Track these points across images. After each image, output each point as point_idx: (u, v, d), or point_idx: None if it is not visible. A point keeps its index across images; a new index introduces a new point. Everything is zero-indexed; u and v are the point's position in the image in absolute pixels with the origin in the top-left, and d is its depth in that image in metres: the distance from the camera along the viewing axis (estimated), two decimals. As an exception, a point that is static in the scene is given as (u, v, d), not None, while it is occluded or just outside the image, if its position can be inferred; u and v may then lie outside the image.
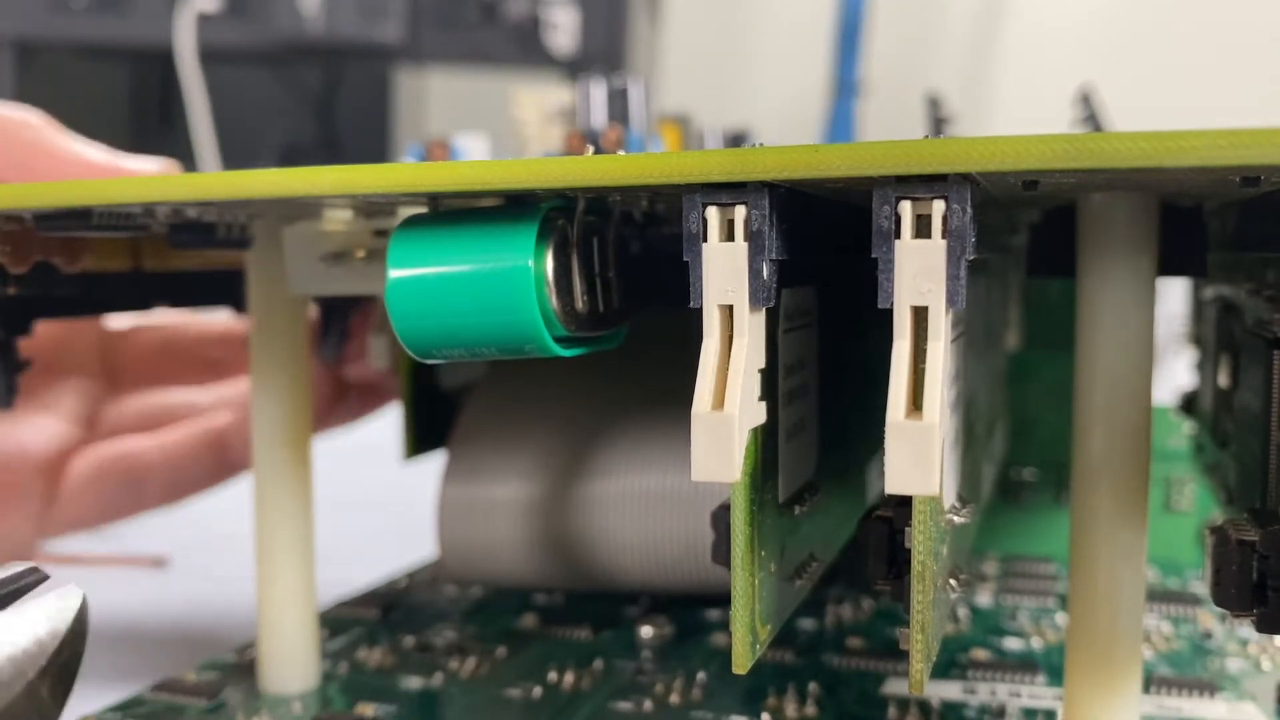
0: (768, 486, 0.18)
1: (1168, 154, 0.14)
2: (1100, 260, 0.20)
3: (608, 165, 0.16)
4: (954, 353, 0.19)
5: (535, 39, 0.78)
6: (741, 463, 0.16)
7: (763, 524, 0.18)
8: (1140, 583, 0.21)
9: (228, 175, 0.18)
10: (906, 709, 0.24)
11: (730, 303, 0.16)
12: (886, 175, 0.15)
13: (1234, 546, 0.18)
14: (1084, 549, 0.21)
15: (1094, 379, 0.20)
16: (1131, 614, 0.21)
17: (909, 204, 0.15)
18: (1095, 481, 0.20)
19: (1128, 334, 0.20)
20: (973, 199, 0.15)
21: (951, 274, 0.15)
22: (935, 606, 0.17)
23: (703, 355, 0.16)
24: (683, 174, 0.16)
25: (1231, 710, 0.24)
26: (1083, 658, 0.21)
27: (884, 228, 0.15)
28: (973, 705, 0.25)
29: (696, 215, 0.16)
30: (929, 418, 0.15)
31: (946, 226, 0.15)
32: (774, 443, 0.18)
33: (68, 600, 0.16)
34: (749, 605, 0.17)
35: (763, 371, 0.17)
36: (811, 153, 0.15)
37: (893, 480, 0.15)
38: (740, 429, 0.16)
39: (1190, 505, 0.36)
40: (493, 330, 0.18)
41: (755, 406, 0.17)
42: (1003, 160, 0.14)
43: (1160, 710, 0.24)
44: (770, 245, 0.16)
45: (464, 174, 0.16)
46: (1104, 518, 0.20)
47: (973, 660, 0.27)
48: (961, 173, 0.15)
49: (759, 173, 0.15)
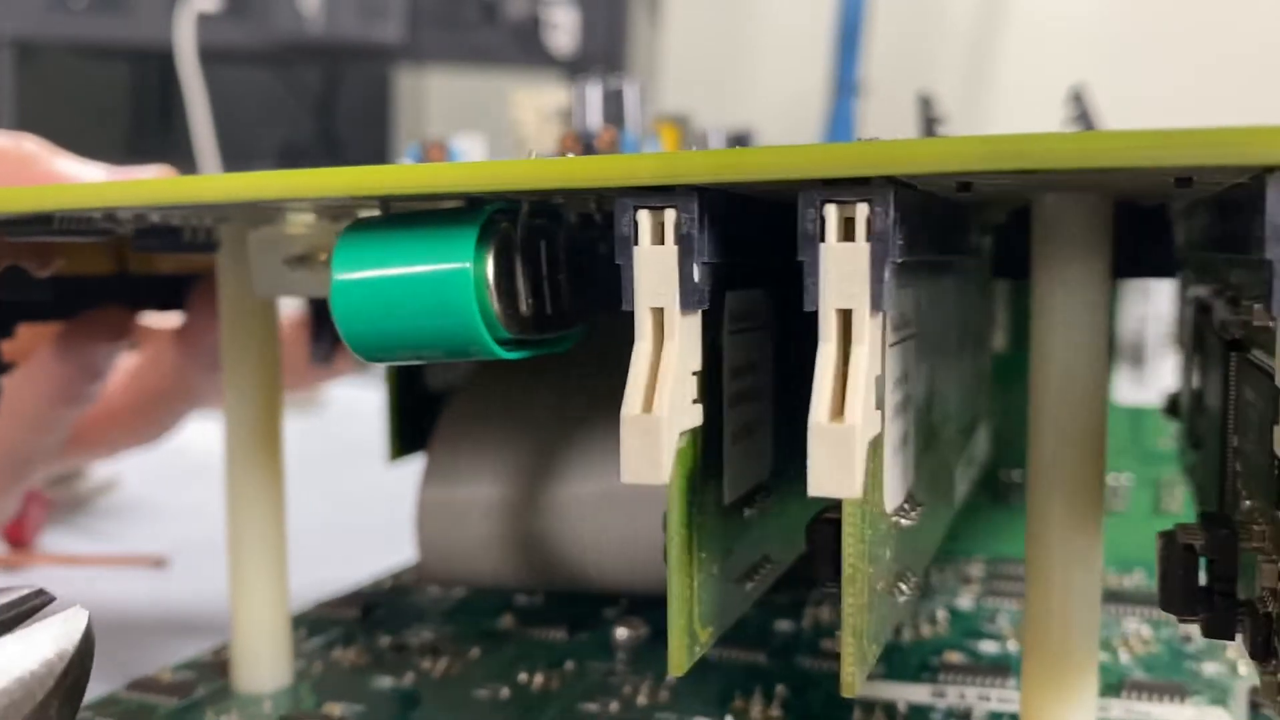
0: (709, 488, 0.18)
1: (1086, 156, 0.14)
2: (1052, 261, 0.20)
3: (539, 169, 0.16)
4: (899, 355, 0.19)
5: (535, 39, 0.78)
6: (671, 465, 0.16)
7: (703, 526, 0.18)
8: (1095, 586, 0.20)
9: (179, 180, 0.18)
10: (872, 712, 0.24)
11: (661, 305, 0.16)
12: (812, 179, 0.15)
13: (1180, 550, 0.18)
14: (1039, 553, 0.20)
15: (1047, 381, 0.20)
16: (1087, 617, 0.20)
17: (834, 207, 0.15)
18: (1050, 485, 0.20)
19: (1080, 335, 0.20)
20: (898, 202, 0.15)
21: (875, 276, 0.15)
22: (872, 610, 0.17)
23: (633, 358, 0.16)
24: (612, 178, 0.16)
25: (1201, 714, 0.24)
26: (1039, 661, 0.21)
27: (809, 231, 0.15)
28: (939, 708, 0.24)
29: (628, 218, 0.16)
30: (850, 420, 0.15)
31: (871, 229, 0.15)
32: (716, 445, 0.18)
33: (73, 621, 0.17)
34: (686, 607, 0.17)
35: (699, 374, 0.17)
36: (736, 156, 0.15)
37: (814, 483, 0.15)
38: (669, 431, 0.16)
39: (1180, 507, 0.36)
40: (434, 333, 0.18)
41: (689, 409, 0.17)
42: (923, 163, 0.14)
43: (1129, 714, 0.24)
44: (702, 248, 0.16)
45: (392, 179, 0.16)
46: (1058, 521, 0.20)
47: (945, 663, 0.27)
48: (885, 175, 0.15)
49: (686, 176, 0.15)
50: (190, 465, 0.51)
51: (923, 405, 0.22)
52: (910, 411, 0.20)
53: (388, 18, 0.77)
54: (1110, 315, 0.35)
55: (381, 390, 0.32)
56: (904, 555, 0.20)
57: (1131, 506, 0.36)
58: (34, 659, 0.16)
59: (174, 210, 0.21)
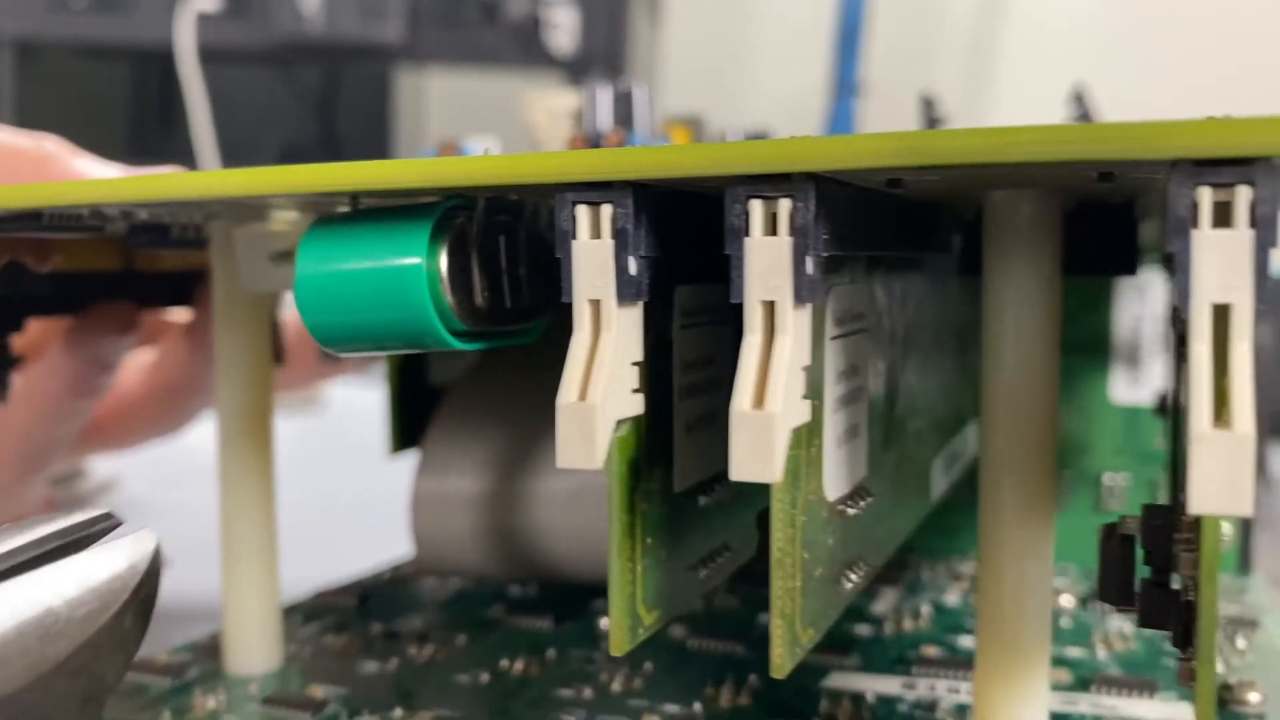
0: (656, 476, 0.18)
1: (990, 151, 0.14)
2: (1000, 258, 0.20)
3: (482, 166, 0.17)
4: (845, 348, 0.19)
5: (535, 39, 0.79)
6: (604, 451, 0.16)
7: (648, 512, 0.18)
8: (1047, 578, 0.21)
9: (155, 178, 0.19)
10: (839, 702, 0.24)
11: (598, 297, 0.17)
12: (738, 175, 0.16)
13: (1118, 541, 0.18)
14: (991, 545, 0.21)
15: (998, 376, 0.20)
16: (1039, 610, 0.21)
17: (758, 203, 0.16)
18: (1001, 478, 0.21)
19: (1029, 331, 0.20)
20: (822, 197, 0.16)
21: (798, 270, 0.16)
22: (807, 594, 0.17)
23: (571, 348, 0.17)
24: (551, 173, 0.16)
25: (1168, 710, 0.24)
26: (991, 653, 0.21)
27: (735, 225, 0.16)
28: (907, 700, 0.25)
29: (567, 213, 0.17)
30: (770, 408, 0.15)
31: (793, 224, 0.16)
32: (664, 433, 0.19)
33: (144, 542, 0.17)
34: (627, 590, 0.18)
35: (641, 364, 0.17)
36: (664, 154, 0.16)
37: (734, 468, 0.15)
38: (603, 419, 0.16)
39: (1177, 508, 0.35)
40: (391, 325, 0.18)
41: (627, 398, 0.17)
42: (839, 159, 0.15)
43: (1094, 709, 0.24)
44: (639, 242, 0.17)
45: (345, 175, 0.17)
46: (1010, 514, 0.21)
47: (921, 657, 0.27)
48: (806, 172, 0.15)
49: (621, 172, 0.16)
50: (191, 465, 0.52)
51: (882, 399, 0.22)
52: (863, 404, 0.21)
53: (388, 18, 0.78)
54: (1107, 315, 0.36)
55: (382, 389, 0.33)
56: (854, 544, 0.20)
57: (1128, 506, 0.36)
58: (108, 572, 0.17)
59: (158, 207, 0.22)
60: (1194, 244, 0.14)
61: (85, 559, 0.17)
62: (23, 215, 0.21)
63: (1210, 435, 0.13)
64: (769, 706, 0.24)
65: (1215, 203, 0.14)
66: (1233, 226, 0.14)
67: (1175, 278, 0.14)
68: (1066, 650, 0.28)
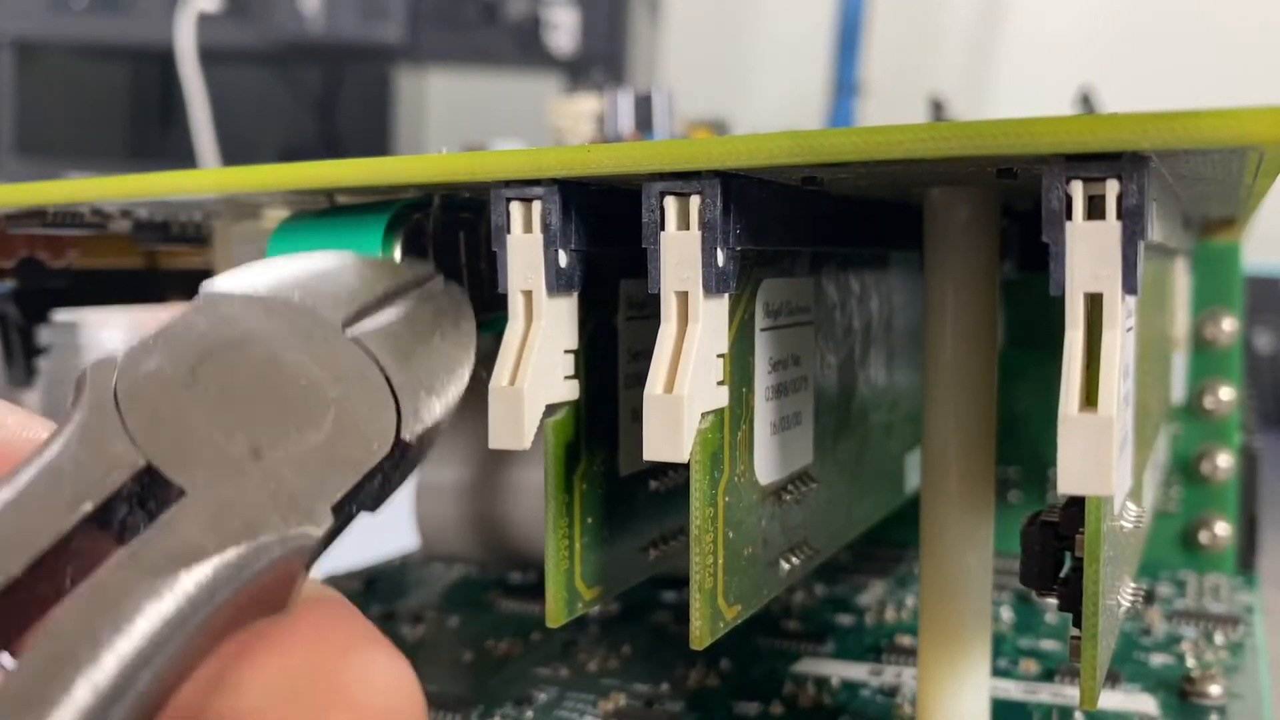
0: (597, 460, 0.19)
1: (871, 149, 0.15)
2: (937, 255, 0.21)
3: (425, 165, 0.18)
4: (779, 340, 0.20)
5: (535, 39, 0.80)
6: (532, 433, 0.17)
7: (588, 493, 0.19)
8: (987, 569, 0.21)
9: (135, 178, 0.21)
10: (803, 685, 0.25)
11: (530, 288, 0.18)
12: (650, 173, 0.17)
13: (1038, 528, 0.19)
14: (932, 536, 0.21)
15: (938, 371, 0.21)
16: (979, 599, 0.21)
17: (672, 199, 0.17)
18: (942, 471, 0.21)
19: (968, 327, 0.21)
20: (732, 193, 0.16)
21: (707, 261, 0.16)
22: (731, 572, 0.18)
23: (505, 336, 0.18)
24: (484, 173, 0.17)
25: (1127, 700, 0.25)
26: (933, 640, 0.22)
27: (651, 220, 0.17)
28: (872, 685, 0.25)
29: (501, 208, 0.18)
30: (679, 392, 0.16)
31: (703, 219, 0.16)
32: (606, 418, 0.20)
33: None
34: (563, 565, 0.19)
35: (576, 353, 0.18)
36: (585, 152, 0.17)
37: (648, 449, 0.16)
38: (532, 402, 0.17)
39: (1176, 507, 0.36)
40: (350, 314, 0.20)
41: (560, 384, 0.18)
42: (739, 157, 0.16)
43: (1054, 698, 0.25)
44: (570, 236, 0.18)
45: (297, 175, 0.18)
46: (951, 506, 0.21)
47: (893, 645, 0.28)
48: (712, 169, 0.16)
49: (546, 171, 0.17)
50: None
51: (835, 391, 0.23)
52: (806, 394, 0.21)
53: (388, 18, 0.79)
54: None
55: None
56: (796, 529, 0.21)
57: (1128, 505, 0.36)
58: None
59: (151, 206, 0.23)
60: (1067, 236, 0.14)
61: None
62: (28, 213, 0.23)
63: (1076, 418, 0.14)
64: (735, 688, 0.25)
65: (1088, 196, 0.14)
66: (1103, 219, 0.14)
67: (1051, 268, 0.14)
68: (1041, 643, 0.28)
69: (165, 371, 0.15)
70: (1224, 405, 0.35)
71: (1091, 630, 0.16)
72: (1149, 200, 0.15)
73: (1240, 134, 0.13)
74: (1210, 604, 0.31)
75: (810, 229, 0.20)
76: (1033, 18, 0.80)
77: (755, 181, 0.17)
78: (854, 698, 0.25)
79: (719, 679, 0.26)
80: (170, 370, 0.15)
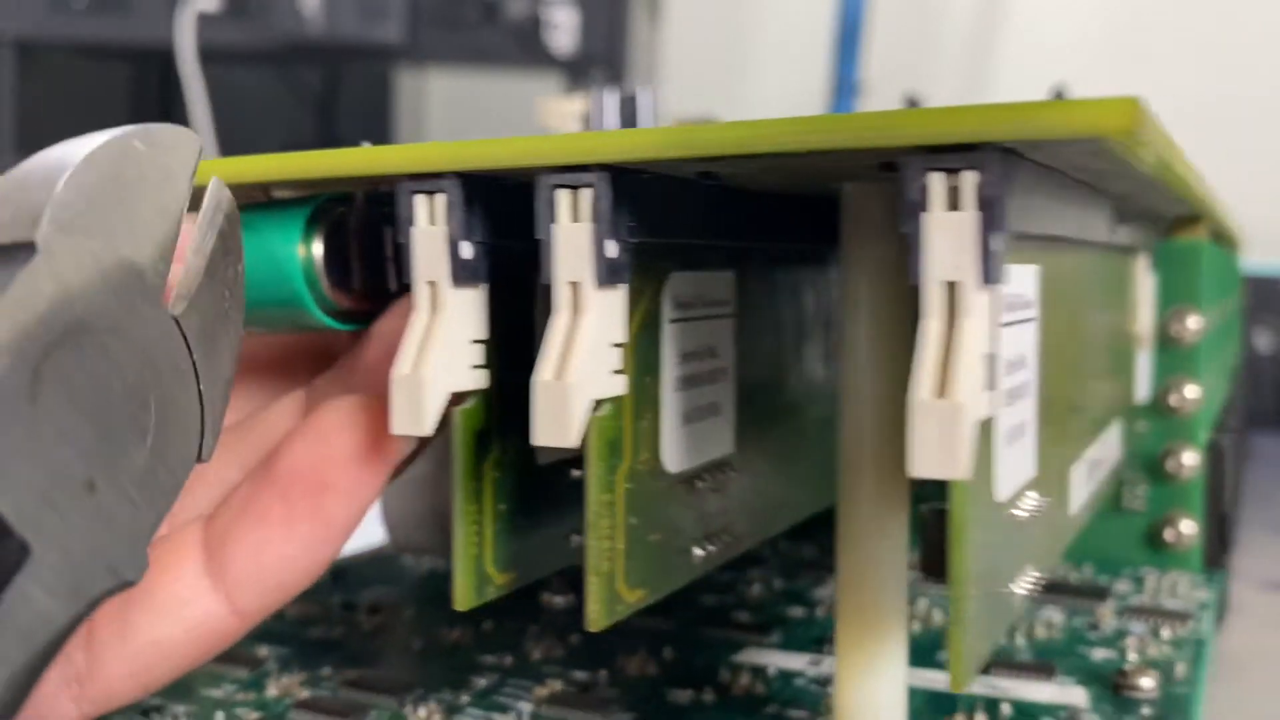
0: (512, 448, 0.20)
1: (745, 143, 0.15)
2: (854, 250, 0.21)
3: (335, 160, 0.18)
4: (691, 332, 0.20)
5: (535, 39, 0.80)
6: (434, 420, 0.18)
7: (500, 480, 0.20)
8: (901, 560, 0.22)
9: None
10: (739, 674, 0.26)
11: (435, 279, 0.18)
12: (543, 167, 0.17)
13: (934, 518, 0.19)
14: (847, 529, 0.22)
15: (854, 366, 0.21)
16: (894, 591, 0.22)
17: (564, 192, 0.17)
18: (858, 465, 0.21)
19: (881, 323, 0.21)
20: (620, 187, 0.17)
21: (597, 254, 0.17)
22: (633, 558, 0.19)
23: (409, 326, 0.18)
24: (388, 167, 0.18)
25: (1058, 693, 0.25)
26: (849, 634, 0.22)
27: (544, 213, 0.17)
28: (807, 675, 0.26)
29: (406, 201, 0.18)
30: (569, 379, 0.17)
31: (594, 212, 0.17)
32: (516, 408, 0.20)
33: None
34: (470, 550, 0.19)
35: (486, 343, 0.19)
36: (481, 146, 0.17)
37: (535, 433, 0.17)
38: (431, 390, 0.18)
39: (1142, 505, 0.36)
40: (274, 306, 0.20)
41: (467, 373, 0.19)
42: (623, 151, 0.16)
43: (988, 690, 0.25)
44: (473, 229, 0.18)
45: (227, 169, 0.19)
46: (866, 500, 0.21)
47: (837, 637, 0.28)
48: (601, 163, 0.17)
49: (447, 164, 0.18)
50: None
51: (763, 383, 0.23)
52: (725, 385, 0.22)
53: (388, 18, 0.80)
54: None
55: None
56: (715, 517, 0.21)
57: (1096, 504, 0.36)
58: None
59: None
60: (924, 226, 0.15)
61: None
62: None
63: (929, 403, 0.14)
64: (672, 676, 0.26)
65: (947, 187, 0.15)
66: (960, 209, 0.15)
67: (910, 259, 0.15)
68: (986, 636, 0.28)
69: (10, 382, 0.13)
70: (1189, 403, 0.35)
71: (959, 615, 0.16)
72: (1010, 191, 0.15)
73: (1082, 125, 0.13)
74: (1166, 601, 0.31)
75: (722, 224, 0.21)
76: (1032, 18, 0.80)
77: (648, 175, 0.18)
78: (787, 686, 0.25)
79: (659, 668, 0.26)
80: (16, 379, 0.13)
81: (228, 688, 0.25)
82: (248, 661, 0.26)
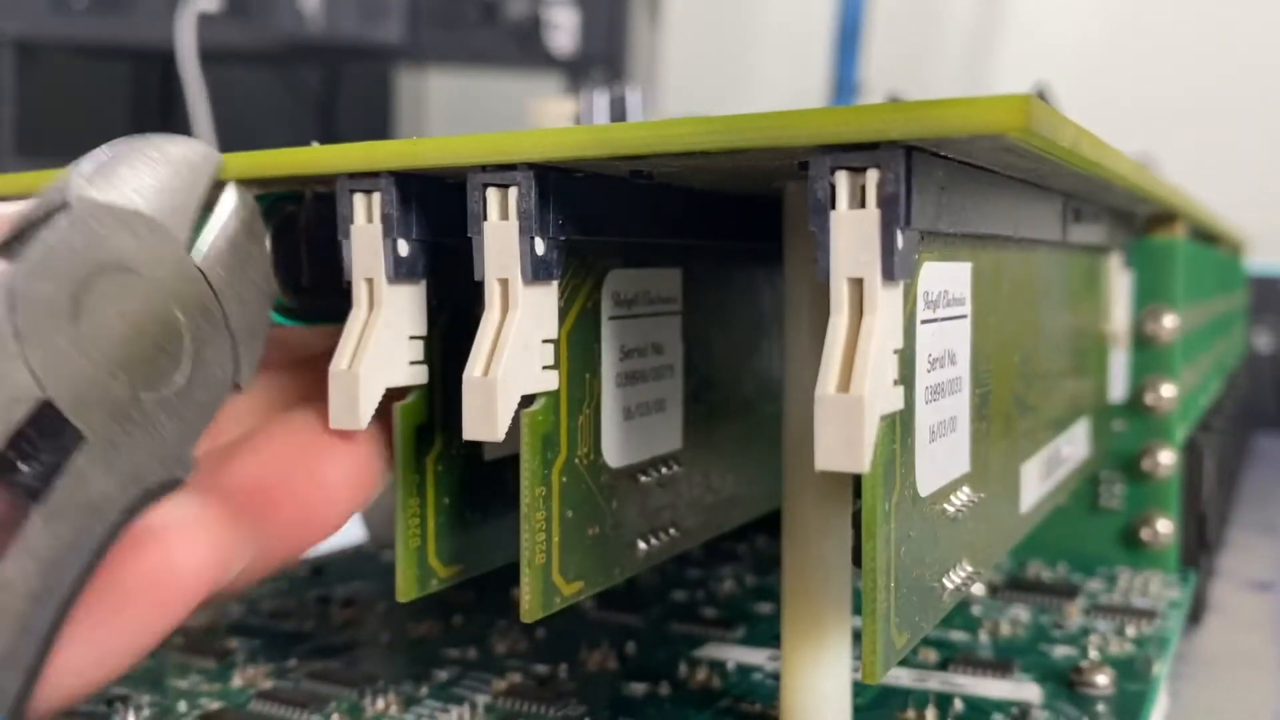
0: (456, 443, 0.20)
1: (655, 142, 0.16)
2: (794, 249, 0.21)
3: (282, 159, 0.19)
4: (633, 328, 0.21)
5: (535, 39, 0.81)
6: (369, 414, 0.18)
7: (444, 475, 0.20)
8: (845, 558, 0.22)
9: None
10: (696, 668, 0.26)
11: (371, 276, 0.19)
12: (472, 165, 0.17)
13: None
14: (793, 525, 0.22)
15: (796, 364, 0.22)
16: (838, 587, 0.22)
17: (494, 190, 0.17)
18: (802, 462, 0.22)
19: (818, 321, 0.21)
20: (546, 184, 0.17)
21: (525, 250, 0.17)
22: (569, 551, 0.19)
23: (348, 322, 0.19)
24: (327, 166, 0.18)
25: (1014, 690, 0.25)
26: (794, 630, 0.22)
27: (475, 211, 0.18)
28: (766, 669, 0.26)
29: (346, 200, 0.19)
30: (493, 375, 0.17)
31: (520, 209, 0.17)
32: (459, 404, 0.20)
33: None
34: (411, 543, 0.19)
35: (426, 339, 0.19)
36: (413, 145, 0.18)
37: (465, 429, 0.17)
38: (367, 386, 0.18)
39: (1119, 504, 0.36)
40: (224, 302, 0.21)
41: (404, 369, 0.19)
42: (545, 150, 0.16)
43: (944, 686, 0.25)
44: (409, 226, 0.19)
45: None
46: (810, 497, 0.22)
47: (801, 633, 0.28)
48: (527, 162, 0.17)
49: (382, 163, 0.18)
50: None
51: (712, 380, 0.23)
52: (671, 381, 0.22)
53: (388, 18, 0.80)
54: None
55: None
56: (657, 512, 0.22)
57: (1071, 502, 0.36)
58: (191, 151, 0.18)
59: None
60: (831, 224, 0.15)
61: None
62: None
63: (831, 398, 0.15)
64: (631, 670, 0.26)
65: (857, 186, 0.15)
66: (864, 207, 0.15)
67: (819, 256, 0.15)
68: (950, 634, 0.28)
69: (55, 302, 0.15)
70: (1165, 402, 0.35)
71: (871, 606, 0.16)
72: (921, 188, 0.15)
73: (977, 122, 0.14)
74: (1135, 599, 0.31)
75: (668, 223, 0.21)
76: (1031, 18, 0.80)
77: (581, 175, 0.18)
78: (744, 680, 0.25)
79: (618, 662, 0.26)
80: (59, 300, 0.15)
81: (194, 678, 0.26)
82: (216, 653, 0.27)
